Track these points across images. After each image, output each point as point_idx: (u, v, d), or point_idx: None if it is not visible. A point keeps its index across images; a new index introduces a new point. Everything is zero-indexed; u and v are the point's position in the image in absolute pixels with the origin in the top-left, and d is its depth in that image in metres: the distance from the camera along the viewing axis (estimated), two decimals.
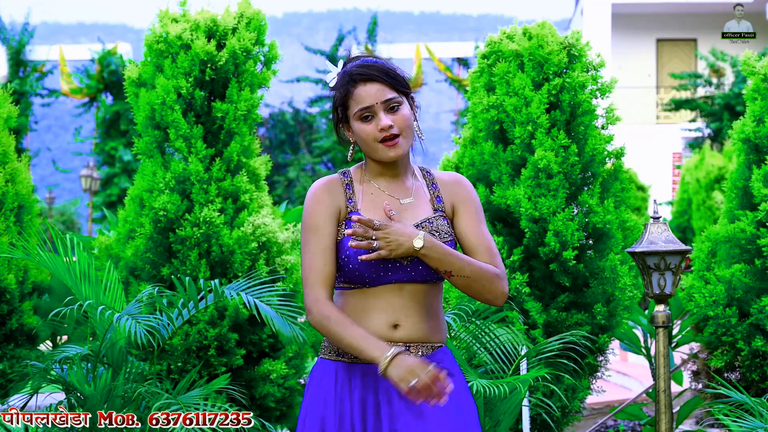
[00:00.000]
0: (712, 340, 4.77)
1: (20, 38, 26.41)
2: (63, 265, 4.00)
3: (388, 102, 2.58)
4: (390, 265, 2.57)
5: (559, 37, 4.78)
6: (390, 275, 2.58)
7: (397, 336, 2.58)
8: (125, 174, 24.67)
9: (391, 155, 2.58)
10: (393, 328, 2.58)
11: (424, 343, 2.61)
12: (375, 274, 2.56)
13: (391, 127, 2.57)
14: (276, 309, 3.95)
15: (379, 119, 2.57)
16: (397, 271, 2.58)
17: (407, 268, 2.58)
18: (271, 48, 4.83)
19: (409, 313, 2.59)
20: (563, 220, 4.57)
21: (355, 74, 2.61)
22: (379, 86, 2.59)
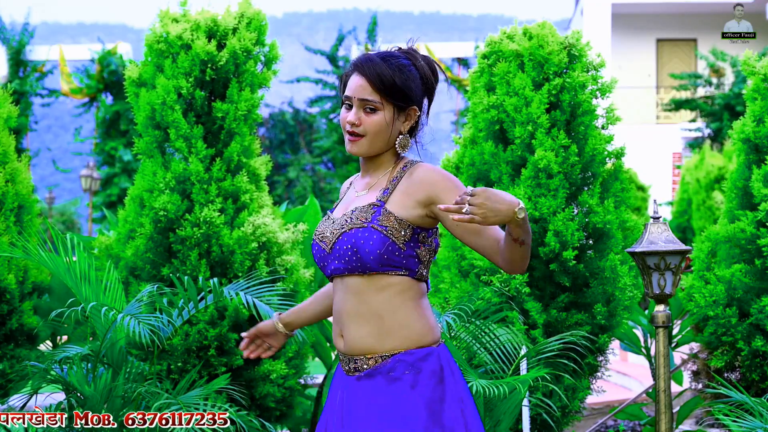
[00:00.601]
0: (712, 340, 4.77)
1: (20, 38, 26.41)
2: (63, 265, 4.00)
3: (364, 101, 2.58)
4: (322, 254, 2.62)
5: (559, 37, 4.78)
6: (327, 266, 2.63)
7: (342, 346, 2.61)
8: (125, 174, 24.67)
9: (348, 148, 2.62)
10: (340, 337, 2.63)
11: (368, 354, 2.55)
12: (320, 264, 2.65)
13: (355, 125, 2.58)
14: (276, 309, 3.95)
15: (351, 113, 2.59)
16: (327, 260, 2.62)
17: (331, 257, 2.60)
18: (272, 48, 4.83)
19: (349, 317, 2.58)
20: (563, 220, 4.57)
21: (355, 63, 2.62)
22: (364, 83, 2.58)
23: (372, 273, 2.54)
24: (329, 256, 2.59)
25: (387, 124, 2.58)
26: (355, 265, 2.55)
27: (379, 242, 2.52)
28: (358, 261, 2.54)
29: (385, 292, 2.55)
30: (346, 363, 2.60)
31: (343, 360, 2.61)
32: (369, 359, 2.55)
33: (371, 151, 2.61)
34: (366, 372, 2.55)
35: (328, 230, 2.62)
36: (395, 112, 2.59)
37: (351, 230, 2.55)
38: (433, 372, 2.53)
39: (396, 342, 2.54)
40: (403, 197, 2.58)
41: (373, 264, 2.53)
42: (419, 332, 2.56)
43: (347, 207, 2.65)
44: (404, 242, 2.54)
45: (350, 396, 2.57)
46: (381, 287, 2.55)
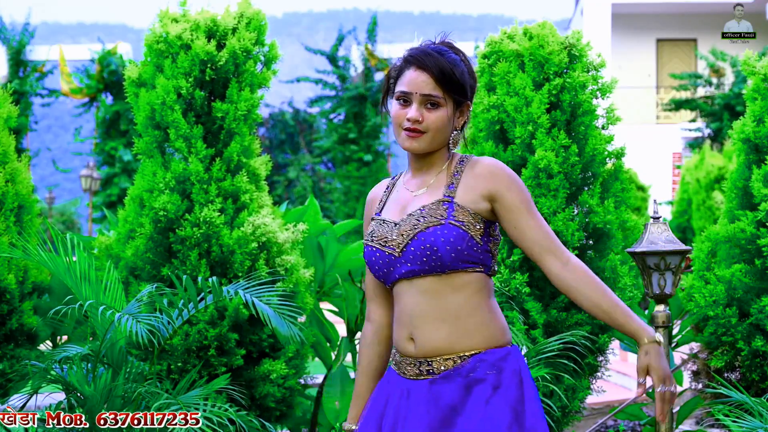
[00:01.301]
0: (712, 340, 4.77)
1: (20, 38, 26.42)
2: (63, 265, 4.00)
3: (428, 97, 2.50)
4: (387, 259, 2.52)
5: (559, 37, 4.78)
6: (393, 271, 2.52)
7: (413, 351, 2.50)
8: (125, 174, 24.68)
9: (406, 145, 2.53)
10: (409, 341, 2.51)
11: (445, 356, 2.47)
12: (380, 272, 2.55)
13: (418, 121, 2.50)
14: (276, 309, 3.95)
15: (411, 109, 2.50)
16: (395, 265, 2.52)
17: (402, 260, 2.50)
18: (271, 48, 4.83)
19: (423, 319, 2.48)
20: (563, 220, 4.57)
21: (412, 56, 2.53)
22: (426, 78, 2.50)
23: (450, 272, 2.46)
24: (398, 260, 2.50)
25: (449, 120, 2.53)
26: (433, 264, 2.46)
27: (459, 238, 2.45)
28: (437, 260, 2.45)
29: (463, 291, 2.48)
30: (414, 366, 2.50)
31: (411, 364, 2.50)
32: (446, 360, 2.46)
33: (431, 148, 2.54)
34: (442, 374, 2.46)
35: (392, 233, 2.52)
36: (454, 108, 2.55)
37: (427, 229, 2.47)
38: (514, 372, 2.47)
39: (474, 342, 2.47)
40: (467, 192, 2.52)
41: (453, 262, 2.45)
42: (496, 331, 2.51)
43: (404, 207, 2.56)
44: (480, 236, 2.49)
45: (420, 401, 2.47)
46: (458, 286, 2.47)
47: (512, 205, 2.51)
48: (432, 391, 2.46)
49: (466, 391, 2.44)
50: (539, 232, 2.52)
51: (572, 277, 2.49)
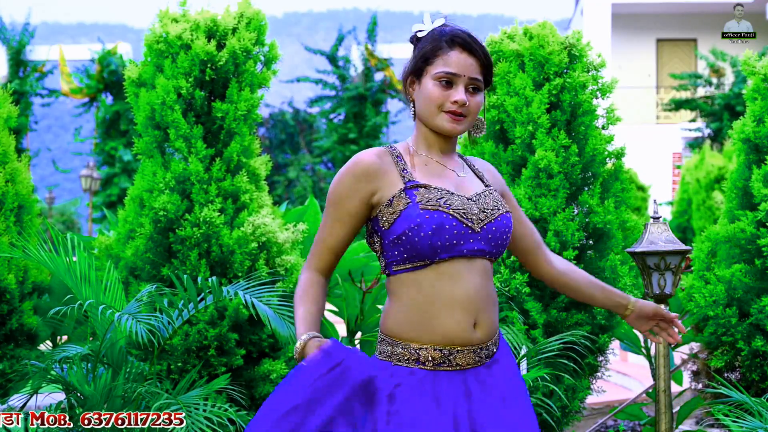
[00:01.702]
0: (712, 340, 4.77)
1: (20, 38, 26.43)
2: (63, 265, 4.00)
3: (474, 81, 2.47)
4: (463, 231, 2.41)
5: (559, 38, 4.78)
6: (462, 245, 2.40)
7: (477, 337, 2.43)
8: (125, 174, 24.69)
9: (448, 127, 2.47)
10: (473, 327, 2.43)
11: (494, 337, 2.49)
12: (449, 243, 2.38)
13: (464, 105, 2.46)
14: (275, 309, 3.95)
15: (457, 91, 2.45)
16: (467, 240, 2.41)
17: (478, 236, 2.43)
18: (271, 48, 4.83)
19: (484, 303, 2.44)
20: (563, 220, 4.57)
21: (458, 37, 2.48)
22: (473, 61, 2.47)
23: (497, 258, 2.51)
24: (474, 235, 2.41)
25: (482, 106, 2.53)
26: (500, 249, 2.48)
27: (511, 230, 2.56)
28: (504, 246, 2.49)
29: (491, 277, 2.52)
30: (473, 354, 2.43)
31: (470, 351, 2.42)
32: (493, 344, 2.49)
33: (465, 130, 2.53)
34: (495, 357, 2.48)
35: (472, 207, 2.44)
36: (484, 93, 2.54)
37: (506, 213, 2.50)
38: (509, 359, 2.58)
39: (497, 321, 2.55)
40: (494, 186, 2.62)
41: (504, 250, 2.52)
42: None
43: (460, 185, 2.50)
44: None
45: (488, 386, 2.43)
46: (491, 272, 2.52)
47: (512, 202, 2.66)
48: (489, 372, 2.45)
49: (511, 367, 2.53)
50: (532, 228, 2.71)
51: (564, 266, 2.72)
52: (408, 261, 2.41)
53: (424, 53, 2.51)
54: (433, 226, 2.37)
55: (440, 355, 2.40)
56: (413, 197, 2.41)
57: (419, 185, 2.43)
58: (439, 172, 2.51)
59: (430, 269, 2.40)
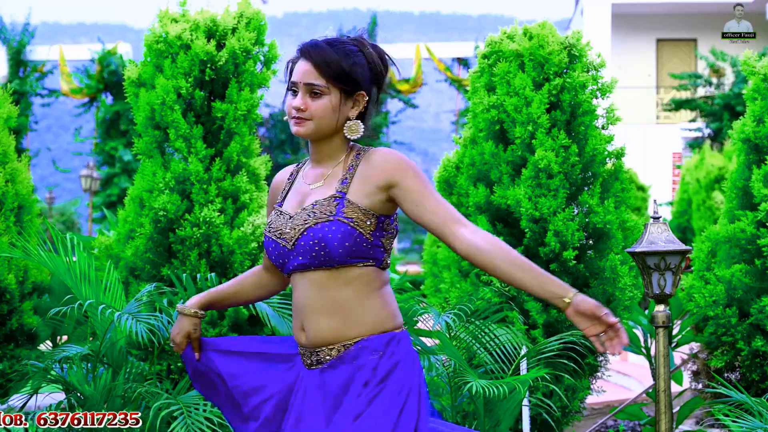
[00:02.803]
0: (712, 340, 4.77)
1: (20, 38, 26.43)
2: (63, 265, 4.00)
3: (310, 86, 2.57)
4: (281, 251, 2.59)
5: (559, 38, 4.78)
6: (288, 263, 2.60)
7: (305, 341, 2.60)
8: (125, 174, 24.68)
9: (293, 130, 2.60)
10: (301, 331, 2.61)
11: (333, 344, 2.55)
12: (276, 262, 2.64)
13: (300, 110, 2.57)
14: (275, 308, 3.95)
15: (296, 98, 2.58)
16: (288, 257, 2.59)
17: (293, 253, 2.57)
18: (271, 48, 4.83)
19: (313, 311, 2.56)
20: (563, 220, 4.57)
21: (300, 48, 2.63)
22: (309, 68, 2.57)
23: (339, 266, 2.52)
24: (291, 253, 2.56)
25: (333, 109, 2.58)
26: (322, 259, 2.52)
27: (347, 235, 2.50)
28: (325, 255, 2.51)
29: (351, 284, 2.53)
30: (307, 357, 2.59)
31: (304, 354, 2.60)
32: (331, 350, 2.55)
33: (318, 134, 2.59)
34: (329, 363, 2.54)
35: (286, 226, 2.59)
36: (342, 97, 2.59)
37: (316, 225, 2.52)
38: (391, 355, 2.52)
39: (360, 330, 2.53)
40: (362, 184, 2.56)
41: (341, 257, 2.51)
42: (383, 319, 2.56)
43: (302, 200, 2.62)
44: (370, 232, 2.54)
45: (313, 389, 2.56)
46: (347, 280, 2.53)
47: (410, 186, 2.53)
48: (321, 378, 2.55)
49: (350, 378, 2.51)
50: (443, 206, 2.53)
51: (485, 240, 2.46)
52: None
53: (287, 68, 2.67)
54: (267, 249, 2.65)
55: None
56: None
57: (275, 208, 2.70)
58: (297, 189, 2.69)
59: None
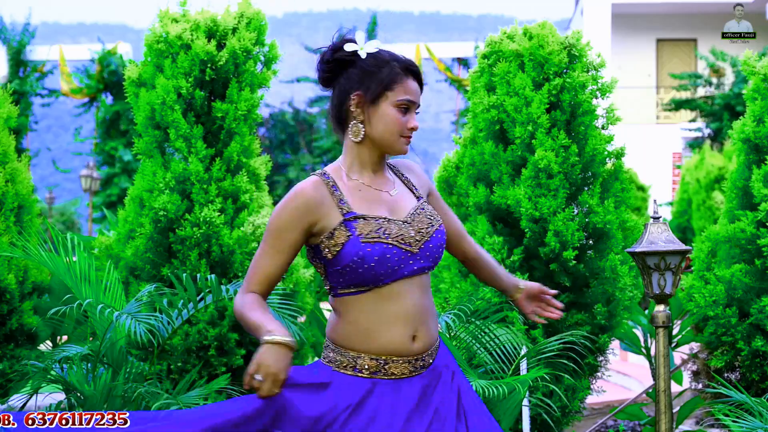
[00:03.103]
0: (712, 340, 4.77)
1: (20, 38, 26.43)
2: (63, 265, 4.00)
3: (418, 106, 2.66)
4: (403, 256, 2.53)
5: (559, 38, 4.78)
6: (403, 268, 2.53)
7: (416, 348, 2.56)
8: (125, 174, 24.68)
9: (405, 149, 2.63)
10: (412, 340, 2.55)
11: (433, 345, 2.61)
12: (390, 270, 2.51)
13: (416, 129, 2.64)
14: (276, 309, 3.95)
15: (411, 118, 2.62)
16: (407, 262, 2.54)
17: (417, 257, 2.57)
18: (271, 48, 4.83)
19: (425, 316, 2.57)
20: (563, 220, 4.57)
21: (412, 67, 2.65)
22: (417, 89, 2.66)
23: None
24: (413, 257, 2.55)
25: None
26: (438, 260, 2.63)
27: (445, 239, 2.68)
28: (440, 256, 2.64)
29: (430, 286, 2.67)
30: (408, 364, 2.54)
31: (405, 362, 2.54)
32: (432, 352, 2.61)
33: None
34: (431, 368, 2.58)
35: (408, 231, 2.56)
36: None
37: (440, 227, 2.63)
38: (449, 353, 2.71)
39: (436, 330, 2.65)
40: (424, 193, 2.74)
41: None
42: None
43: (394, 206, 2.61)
44: None
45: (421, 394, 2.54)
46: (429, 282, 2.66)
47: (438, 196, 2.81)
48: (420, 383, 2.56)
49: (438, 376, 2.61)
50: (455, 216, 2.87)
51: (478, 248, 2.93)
52: (352, 287, 2.54)
53: (383, 79, 2.61)
54: (376, 258, 2.50)
55: (376, 364, 2.53)
56: (353, 230, 2.52)
57: (357, 216, 2.54)
58: (373, 197, 2.61)
59: (373, 292, 2.53)
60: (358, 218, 2.54)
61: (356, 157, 2.63)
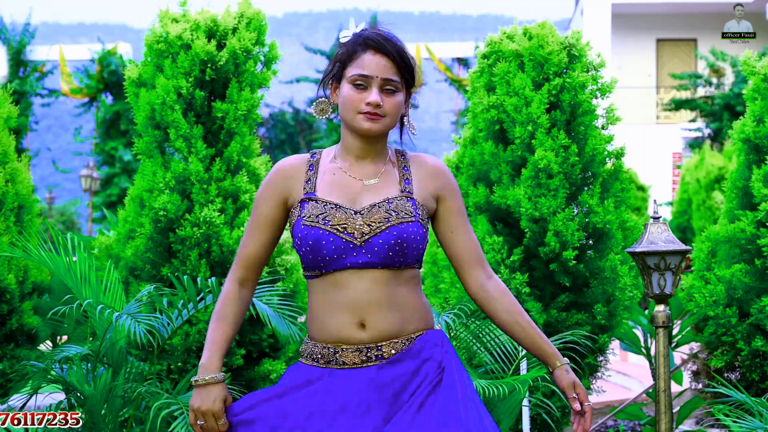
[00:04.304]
0: (712, 340, 4.77)
1: (20, 38, 26.43)
2: (63, 265, 4.00)
3: (387, 81, 2.49)
4: (343, 246, 2.45)
5: (559, 37, 4.78)
6: (345, 258, 2.46)
7: (366, 337, 2.47)
8: (125, 174, 24.68)
9: (366, 126, 2.49)
10: (360, 327, 2.48)
11: (396, 338, 2.49)
12: (328, 257, 2.46)
13: (379, 106, 2.48)
14: (276, 309, 3.95)
15: (370, 93, 2.48)
16: (351, 254, 2.46)
17: (361, 250, 2.45)
18: (271, 48, 4.83)
19: (376, 306, 2.47)
20: (563, 220, 4.57)
21: (370, 40, 2.50)
22: (387, 62, 2.49)
23: (404, 267, 2.49)
24: (355, 250, 2.45)
25: (400, 106, 2.54)
26: (395, 260, 2.47)
27: (423, 238, 2.50)
28: (401, 256, 2.47)
29: (408, 283, 2.52)
30: (360, 353, 2.48)
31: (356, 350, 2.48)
32: (396, 343, 2.49)
33: (386, 132, 2.55)
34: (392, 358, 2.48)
35: (355, 221, 2.47)
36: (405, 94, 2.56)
37: (399, 224, 2.47)
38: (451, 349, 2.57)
39: (417, 325, 2.53)
40: (420, 189, 2.57)
41: (412, 259, 2.49)
42: (430, 316, 2.60)
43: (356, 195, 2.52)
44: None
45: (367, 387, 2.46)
46: (406, 279, 2.51)
47: (454, 209, 2.60)
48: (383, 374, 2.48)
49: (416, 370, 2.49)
50: (473, 241, 2.61)
51: (495, 289, 2.60)
52: (306, 270, 2.54)
53: (340, 57, 2.55)
54: (310, 243, 2.47)
55: (327, 353, 2.51)
56: (303, 211, 2.51)
57: (311, 198, 2.51)
58: (341, 182, 2.54)
59: (321, 279, 2.51)
60: (312, 200, 2.52)
61: (344, 141, 2.59)
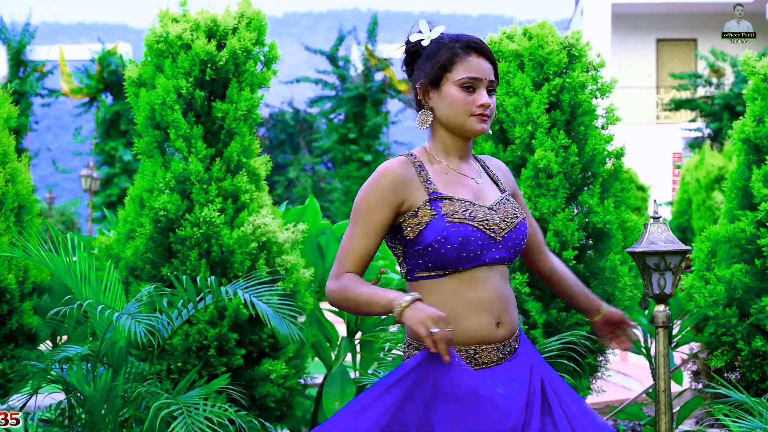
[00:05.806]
0: (712, 340, 4.77)
1: (21, 38, 26.44)
2: (63, 265, 4.00)
3: (492, 84, 2.60)
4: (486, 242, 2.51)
5: (559, 37, 4.78)
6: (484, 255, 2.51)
7: (501, 334, 2.54)
8: (125, 174, 24.69)
9: (479, 128, 2.57)
10: (497, 326, 2.53)
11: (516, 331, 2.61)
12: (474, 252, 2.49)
13: (488, 107, 2.56)
14: (275, 309, 3.95)
15: (480, 95, 2.56)
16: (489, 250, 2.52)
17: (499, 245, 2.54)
18: (271, 48, 4.83)
19: (508, 303, 2.57)
20: (563, 220, 4.57)
21: (473, 43, 2.59)
22: (489, 66, 2.59)
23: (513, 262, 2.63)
24: (496, 244, 2.53)
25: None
26: (518, 253, 2.61)
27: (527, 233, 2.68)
28: (521, 251, 2.63)
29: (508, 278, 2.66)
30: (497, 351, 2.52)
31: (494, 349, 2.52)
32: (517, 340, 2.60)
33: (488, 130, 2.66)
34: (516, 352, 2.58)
35: (494, 217, 2.55)
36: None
37: (523, 220, 2.62)
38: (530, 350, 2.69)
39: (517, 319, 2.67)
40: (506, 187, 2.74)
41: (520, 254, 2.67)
42: None
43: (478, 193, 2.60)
44: None
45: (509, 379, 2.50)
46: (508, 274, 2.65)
47: (524, 203, 2.79)
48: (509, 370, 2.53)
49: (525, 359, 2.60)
50: (538, 229, 2.86)
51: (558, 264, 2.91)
52: (432, 269, 2.51)
53: (440, 61, 2.58)
54: (460, 239, 2.47)
55: (466, 355, 2.49)
56: (438, 209, 2.50)
57: (443, 197, 2.52)
58: (458, 181, 2.59)
59: (453, 276, 2.50)
60: (444, 198, 2.53)
61: (439, 142, 2.63)
